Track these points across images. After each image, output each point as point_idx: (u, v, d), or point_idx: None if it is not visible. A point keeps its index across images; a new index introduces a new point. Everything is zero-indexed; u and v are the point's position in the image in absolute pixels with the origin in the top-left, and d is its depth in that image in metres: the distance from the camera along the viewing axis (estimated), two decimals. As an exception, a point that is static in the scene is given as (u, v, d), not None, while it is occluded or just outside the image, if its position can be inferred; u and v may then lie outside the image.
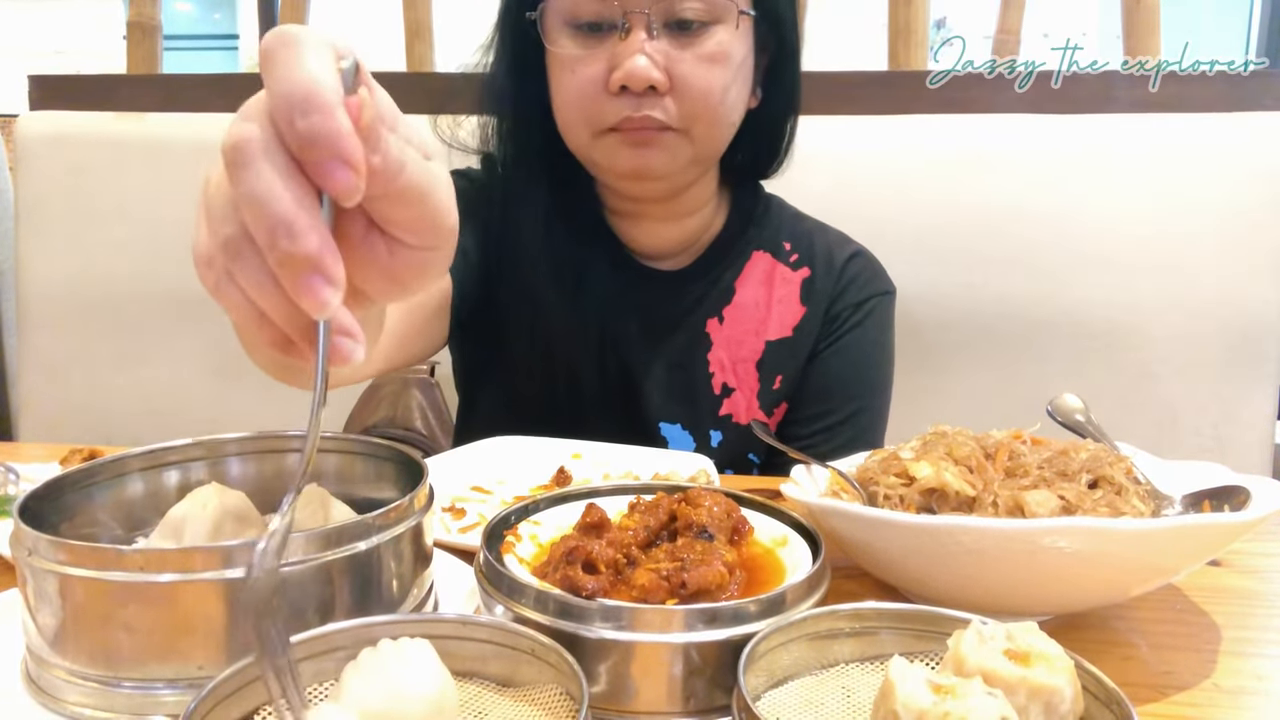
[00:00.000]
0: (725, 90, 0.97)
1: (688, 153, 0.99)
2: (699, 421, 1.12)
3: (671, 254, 1.14)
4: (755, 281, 1.13)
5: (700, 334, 1.12)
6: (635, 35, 0.93)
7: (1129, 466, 0.72)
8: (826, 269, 1.14)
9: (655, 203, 1.08)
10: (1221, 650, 0.65)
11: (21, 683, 0.56)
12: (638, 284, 1.13)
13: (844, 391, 1.12)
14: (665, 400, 1.11)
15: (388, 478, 0.70)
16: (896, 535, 0.64)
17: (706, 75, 0.95)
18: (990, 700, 0.44)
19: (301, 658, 0.50)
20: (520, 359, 1.12)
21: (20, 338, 1.77)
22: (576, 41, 0.96)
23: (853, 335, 1.13)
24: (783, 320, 1.12)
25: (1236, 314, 1.45)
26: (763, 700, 0.53)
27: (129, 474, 0.67)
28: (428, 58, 1.84)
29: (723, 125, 1.00)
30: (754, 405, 1.12)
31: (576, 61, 0.96)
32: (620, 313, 1.11)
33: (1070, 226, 1.47)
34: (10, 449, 1.16)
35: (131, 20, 1.87)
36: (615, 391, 1.12)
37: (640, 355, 1.12)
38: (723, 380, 1.12)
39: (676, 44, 0.94)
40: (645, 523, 0.64)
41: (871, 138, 1.54)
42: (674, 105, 0.95)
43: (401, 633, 0.50)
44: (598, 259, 1.11)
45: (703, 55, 0.95)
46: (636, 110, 0.94)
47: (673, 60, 0.94)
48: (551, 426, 1.04)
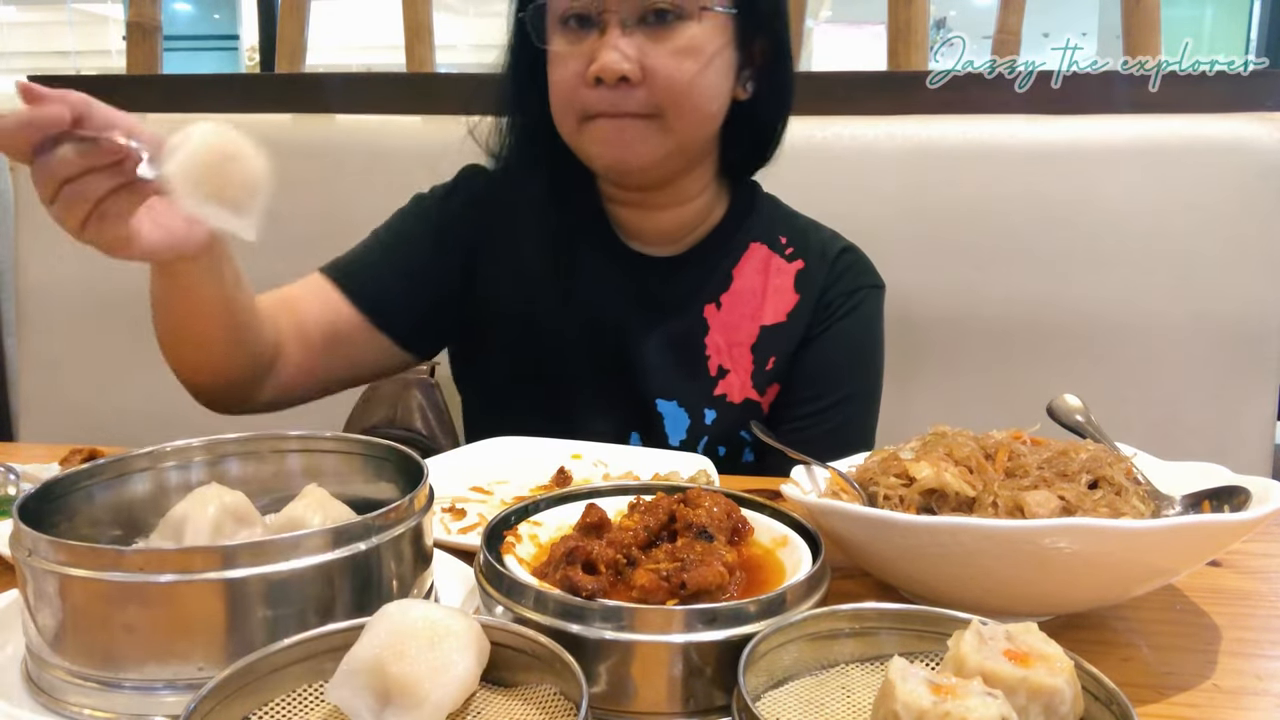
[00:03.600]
0: (696, 80, 1.02)
1: (666, 142, 1.05)
2: (695, 400, 1.16)
3: (670, 241, 1.18)
4: (752, 270, 1.18)
5: (698, 318, 1.16)
6: (611, 31, 1.00)
7: (1129, 467, 0.72)
8: (820, 261, 1.18)
9: (649, 191, 1.13)
10: (1221, 650, 0.65)
11: (21, 683, 0.56)
12: (636, 269, 1.17)
13: (834, 377, 1.17)
14: (663, 380, 1.16)
15: (388, 478, 0.70)
16: (896, 535, 0.64)
17: (677, 66, 1.01)
18: (990, 700, 0.44)
19: (301, 658, 0.51)
20: (515, 342, 1.17)
21: (20, 338, 1.77)
22: (564, 38, 1.05)
23: (843, 324, 1.17)
24: (777, 307, 1.17)
25: (1236, 314, 1.45)
26: (763, 700, 0.53)
27: (129, 474, 0.67)
28: (428, 58, 1.84)
29: (698, 114, 1.05)
30: (748, 385, 1.16)
31: (563, 56, 1.04)
32: (617, 296, 1.16)
33: (1070, 227, 1.47)
34: (10, 449, 1.16)
35: (131, 20, 1.87)
36: (613, 371, 1.16)
37: (639, 337, 1.16)
38: (719, 362, 1.16)
39: (650, 38, 1.01)
40: (645, 523, 0.64)
41: (871, 138, 1.54)
42: (647, 95, 1.01)
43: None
44: (593, 246, 1.17)
45: (674, 48, 1.01)
46: (612, 102, 1.02)
47: (645, 53, 1.00)
48: (551, 403, 1.11)
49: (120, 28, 1.99)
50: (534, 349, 1.16)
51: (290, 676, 0.50)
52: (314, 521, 0.62)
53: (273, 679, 0.50)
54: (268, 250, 1.90)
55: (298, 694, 0.51)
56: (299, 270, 1.35)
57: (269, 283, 1.13)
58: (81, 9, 9.73)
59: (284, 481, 0.72)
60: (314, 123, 1.69)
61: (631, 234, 1.18)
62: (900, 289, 1.27)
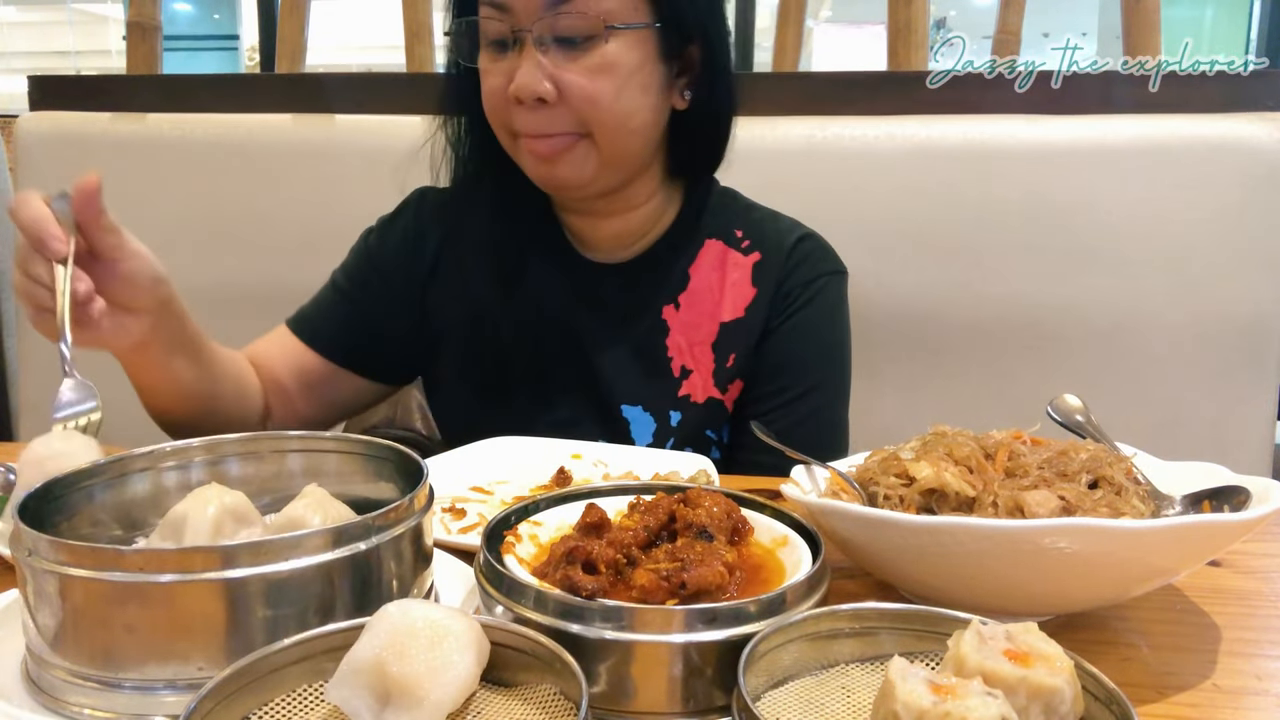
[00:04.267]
0: (614, 97, 1.02)
1: (595, 158, 1.05)
2: (660, 403, 1.16)
3: (622, 247, 1.18)
4: (708, 267, 1.18)
5: (658, 321, 1.16)
6: (526, 50, 1.01)
7: (1129, 467, 0.72)
8: (776, 252, 1.18)
9: (594, 200, 1.13)
10: (1221, 650, 0.65)
11: (21, 683, 0.56)
12: (589, 275, 1.18)
13: (798, 367, 1.16)
14: (627, 385, 1.16)
15: (388, 478, 0.70)
16: (896, 535, 0.64)
17: (592, 84, 1.01)
18: (990, 700, 0.44)
19: (301, 658, 0.51)
20: (475, 360, 1.18)
21: (20, 338, 1.77)
22: (488, 55, 1.06)
23: (804, 313, 1.16)
24: (735, 302, 1.16)
25: (1236, 314, 1.45)
26: (763, 700, 0.53)
27: (129, 474, 0.67)
28: (428, 58, 1.84)
29: (621, 130, 1.05)
30: (710, 384, 1.16)
31: (488, 73, 1.06)
32: (573, 306, 1.17)
33: (1070, 227, 1.47)
34: (10, 449, 1.16)
35: (131, 20, 1.87)
36: (577, 379, 1.17)
37: (599, 344, 1.16)
38: (681, 363, 1.16)
39: (566, 57, 1.01)
40: (645, 523, 0.64)
41: (871, 138, 1.54)
42: (567, 114, 1.02)
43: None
44: (545, 256, 1.18)
45: (588, 66, 1.01)
46: (534, 124, 1.03)
47: (561, 72, 1.01)
48: (515, 418, 1.11)
49: (120, 28, 1.99)
50: (494, 365, 1.17)
51: (290, 676, 0.50)
52: (314, 521, 0.62)
53: (273, 679, 0.50)
54: (268, 250, 1.90)
55: (298, 694, 0.51)
56: (298, 270, 1.34)
57: (269, 281, 1.14)
58: (81, 9, 9.73)
59: (284, 481, 0.72)
60: (314, 123, 1.69)
61: (584, 243, 1.19)
62: (900, 289, 1.27)
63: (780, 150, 1.53)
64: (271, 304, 1.27)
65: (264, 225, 1.67)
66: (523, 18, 1.00)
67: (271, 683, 0.50)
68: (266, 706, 0.49)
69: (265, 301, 1.59)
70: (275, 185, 1.67)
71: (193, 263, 1.49)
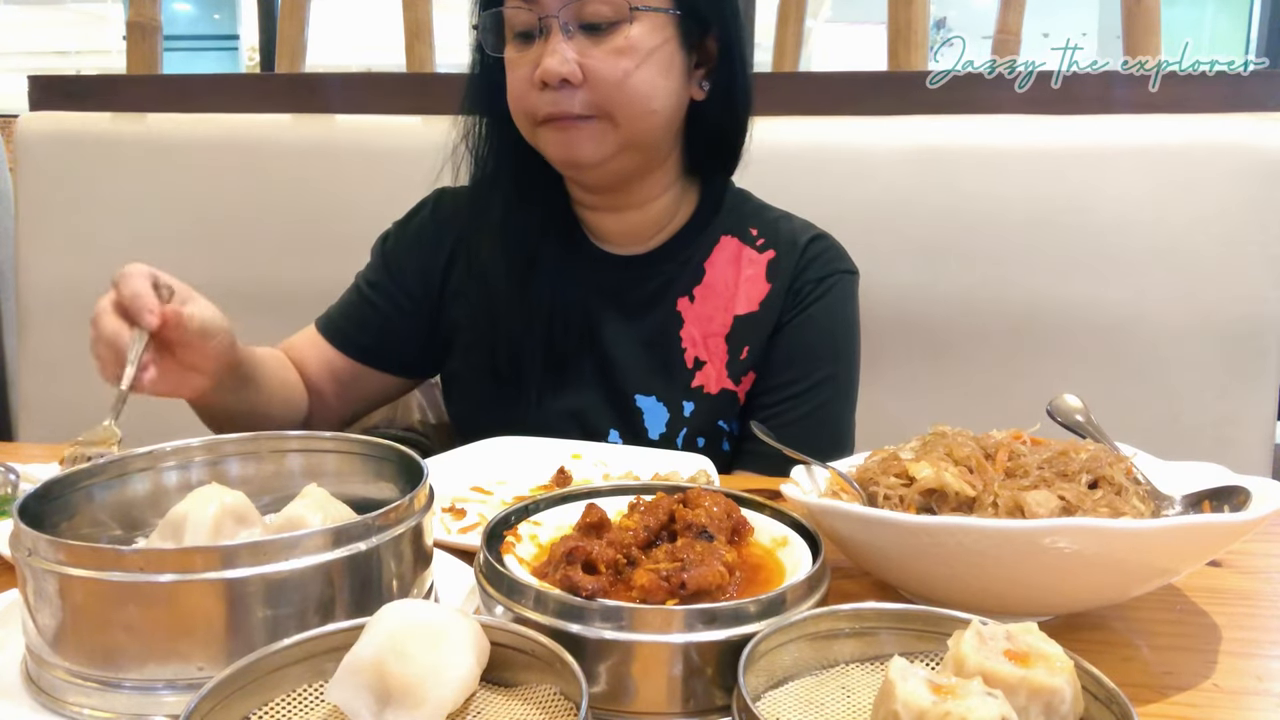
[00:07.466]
0: (634, 76, 1.06)
1: (614, 138, 1.08)
2: (673, 394, 1.17)
3: (638, 241, 1.20)
4: (723, 262, 1.20)
5: (672, 312, 1.19)
6: (552, 37, 1.05)
7: (1129, 466, 0.72)
8: (790, 250, 1.20)
9: (611, 192, 1.16)
10: (1222, 650, 0.65)
11: (21, 683, 0.56)
12: (605, 267, 1.20)
13: (808, 361, 1.18)
14: (640, 375, 1.18)
15: (388, 478, 0.70)
16: (896, 535, 0.64)
17: (614, 65, 1.05)
18: (990, 700, 0.44)
19: (301, 658, 0.51)
20: (492, 351, 1.20)
21: (20, 338, 1.77)
22: (514, 46, 1.09)
23: (815, 308, 1.18)
24: (749, 296, 1.19)
25: (1237, 314, 1.45)
26: (763, 700, 0.53)
27: (129, 474, 0.67)
28: (428, 58, 1.84)
29: (638, 108, 1.07)
30: (724, 375, 1.18)
31: (514, 63, 1.09)
32: (588, 297, 1.19)
33: (1070, 227, 1.47)
34: (10, 449, 1.16)
35: (131, 20, 1.87)
36: (591, 369, 1.19)
37: (614, 335, 1.19)
38: (694, 355, 1.18)
39: (590, 42, 1.05)
40: (645, 523, 0.64)
41: (871, 138, 1.54)
42: (589, 95, 1.05)
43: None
44: (559, 245, 1.20)
45: (611, 49, 1.05)
46: (557, 103, 1.06)
47: (585, 56, 1.05)
48: (530, 409, 1.15)
49: (120, 28, 1.99)
50: (509, 356, 1.18)
51: (290, 676, 0.50)
52: (314, 521, 0.62)
53: (273, 679, 0.50)
54: (268, 250, 1.90)
55: (298, 694, 0.51)
56: (298, 269, 1.34)
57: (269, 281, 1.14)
58: (81, 9, 9.72)
59: (284, 481, 0.72)
60: (314, 123, 1.69)
61: (600, 236, 1.21)
62: (899, 289, 1.27)
63: (780, 150, 1.53)
64: (271, 303, 1.28)
65: (264, 225, 1.67)
66: (549, 5, 1.04)
67: (271, 683, 0.50)
68: (266, 706, 0.49)
69: (265, 301, 1.60)
70: (275, 185, 1.67)
71: (193, 262, 1.49)
